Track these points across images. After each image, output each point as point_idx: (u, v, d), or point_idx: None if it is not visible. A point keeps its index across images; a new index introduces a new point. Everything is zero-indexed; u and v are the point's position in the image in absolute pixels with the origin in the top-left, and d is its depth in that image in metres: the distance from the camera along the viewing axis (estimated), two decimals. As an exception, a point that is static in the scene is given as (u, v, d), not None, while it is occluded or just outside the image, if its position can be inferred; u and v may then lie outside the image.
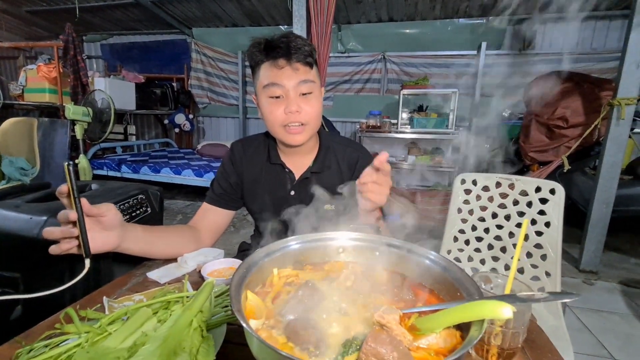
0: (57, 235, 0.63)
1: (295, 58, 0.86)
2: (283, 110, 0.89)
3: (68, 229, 0.63)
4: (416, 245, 0.55)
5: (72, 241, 0.64)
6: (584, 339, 1.84)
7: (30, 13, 5.20)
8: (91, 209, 0.66)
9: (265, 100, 0.91)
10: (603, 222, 2.52)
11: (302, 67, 0.88)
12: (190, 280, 0.76)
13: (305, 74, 0.89)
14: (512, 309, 0.34)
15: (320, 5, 2.63)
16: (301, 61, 0.87)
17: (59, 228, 0.63)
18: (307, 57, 0.88)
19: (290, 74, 0.87)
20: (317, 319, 0.43)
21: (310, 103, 0.91)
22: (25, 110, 4.96)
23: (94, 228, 0.68)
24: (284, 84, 0.87)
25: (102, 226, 0.70)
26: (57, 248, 0.64)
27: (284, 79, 0.87)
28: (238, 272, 0.45)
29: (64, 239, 0.64)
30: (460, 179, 1.43)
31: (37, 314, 0.93)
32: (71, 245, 0.64)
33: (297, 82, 0.88)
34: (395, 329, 0.37)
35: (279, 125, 0.91)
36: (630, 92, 2.29)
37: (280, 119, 0.90)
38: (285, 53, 0.86)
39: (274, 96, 0.89)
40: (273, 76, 0.88)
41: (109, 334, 0.51)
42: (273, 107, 0.90)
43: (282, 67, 0.87)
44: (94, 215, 0.67)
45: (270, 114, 0.91)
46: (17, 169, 2.50)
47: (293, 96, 0.88)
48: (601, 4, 3.93)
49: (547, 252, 1.28)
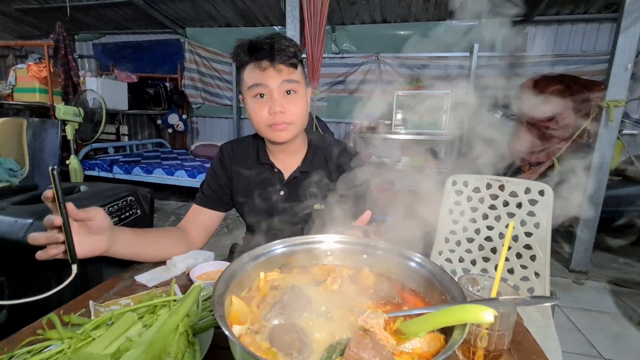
0: (42, 241, 0.62)
1: (279, 59, 0.87)
2: (268, 110, 0.90)
3: (53, 235, 0.62)
4: (403, 249, 0.56)
5: (59, 246, 0.63)
6: (574, 339, 1.86)
7: (21, 11, 5.12)
8: (78, 214, 0.65)
9: (251, 100, 0.92)
10: (593, 223, 2.56)
11: (286, 68, 0.89)
12: (179, 283, 0.76)
13: (288, 74, 0.90)
14: (494, 313, 0.34)
15: (314, 6, 2.63)
16: (284, 62, 0.88)
17: (44, 234, 0.62)
18: (291, 58, 0.89)
19: (274, 75, 0.89)
20: (301, 324, 0.42)
21: (295, 103, 0.92)
22: (15, 109, 4.88)
23: (82, 232, 0.67)
24: (267, 84, 0.89)
25: (90, 230, 0.69)
26: (44, 253, 0.63)
27: (268, 79, 0.89)
28: (223, 276, 0.45)
29: (50, 244, 0.63)
30: (452, 180, 1.44)
31: (22, 318, 0.91)
32: (58, 251, 0.63)
33: (280, 81, 0.89)
34: (379, 333, 0.37)
35: (264, 124, 0.93)
36: (618, 94, 2.32)
37: (265, 118, 0.91)
38: (268, 54, 0.87)
39: (259, 94, 0.90)
40: (257, 77, 0.89)
41: (92, 339, 0.50)
42: (257, 106, 0.91)
43: (265, 68, 0.88)
44: (81, 219, 0.66)
45: (255, 113, 0.92)
46: (6, 170, 2.46)
47: (277, 96, 0.90)
48: (590, 8, 3.99)
49: (536, 252, 1.30)
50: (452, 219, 1.44)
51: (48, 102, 3.96)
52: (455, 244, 1.45)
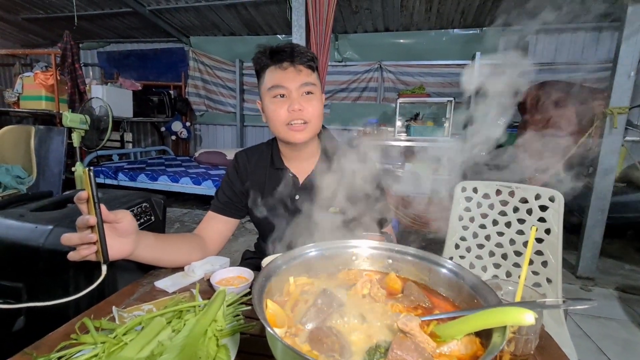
0: (75, 241, 0.62)
1: (299, 60, 0.93)
2: (286, 109, 0.94)
3: (86, 235, 0.62)
4: (429, 253, 0.56)
5: (91, 247, 0.63)
6: (585, 346, 1.85)
7: (27, 20, 5.20)
8: (108, 215, 0.66)
9: (270, 101, 0.96)
10: (599, 229, 2.56)
11: (305, 69, 0.95)
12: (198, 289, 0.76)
13: (307, 76, 0.95)
14: (534, 315, 0.35)
15: (320, 15, 2.67)
16: (304, 64, 0.94)
17: (77, 234, 0.63)
18: (310, 61, 0.95)
19: (294, 76, 0.93)
20: (337, 327, 0.43)
21: (312, 103, 0.96)
22: (20, 117, 4.92)
23: (110, 235, 0.68)
24: (287, 85, 0.93)
25: (117, 233, 0.70)
26: (76, 254, 0.63)
27: (288, 81, 0.93)
28: (258, 281, 0.45)
29: (81, 245, 0.63)
30: (461, 186, 1.45)
31: (40, 325, 0.91)
32: (90, 251, 0.63)
33: (300, 83, 0.93)
34: (419, 335, 0.38)
35: (282, 123, 0.95)
36: (622, 101, 2.35)
37: (283, 117, 0.94)
38: (289, 56, 0.93)
39: (279, 95, 0.94)
40: (278, 78, 0.93)
41: (125, 344, 0.51)
42: (277, 105, 0.95)
43: (286, 68, 0.93)
44: (110, 221, 0.67)
45: (274, 112, 0.95)
46: (14, 177, 2.47)
47: (296, 96, 0.94)
48: (591, 16, 4.05)
49: (547, 258, 1.30)
50: (462, 225, 1.45)
51: (54, 110, 3.99)
52: (465, 250, 1.45)
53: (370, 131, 4.18)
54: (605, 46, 4.23)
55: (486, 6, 3.99)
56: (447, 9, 4.13)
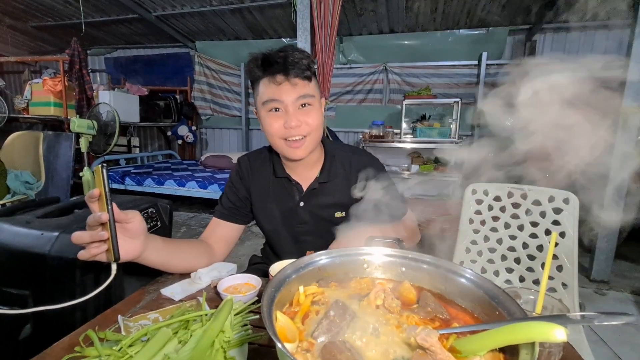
0: (86, 239, 0.61)
1: (293, 73, 0.86)
2: (282, 124, 0.89)
3: (97, 233, 0.61)
4: (446, 261, 0.54)
5: (101, 246, 0.62)
6: (602, 352, 1.79)
7: (36, 28, 5.28)
8: (119, 214, 0.64)
9: (265, 114, 0.91)
10: (613, 232, 2.49)
11: (301, 81, 0.88)
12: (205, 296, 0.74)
13: (303, 89, 0.88)
14: (566, 331, 0.32)
15: (324, 18, 2.66)
16: (299, 76, 0.87)
17: (87, 232, 0.62)
18: (305, 71, 0.87)
19: (289, 90, 0.87)
20: (351, 342, 0.41)
21: (310, 115, 0.91)
22: (29, 123, 4.99)
23: (120, 235, 0.66)
24: (282, 99, 0.87)
25: (127, 233, 0.69)
26: (87, 253, 0.62)
27: (283, 95, 0.87)
28: (267, 292, 0.43)
29: (92, 244, 0.62)
30: (472, 189, 1.42)
31: (46, 333, 0.90)
32: (100, 250, 0.62)
33: (296, 97, 0.88)
34: (440, 353, 0.36)
35: (278, 138, 0.91)
36: (635, 101, 2.29)
37: (280, 132, 0.90)
38: (283, 69, 0.85)
39: (274, 108, 0.89)
40: (272, 92, 0.88)
41: (130, 357, 0.49)
42: (272, 119, 0.90)
43: (280, 83, 0.87)
44: (121, 220, 0.66)
45: (270, 126, 0.91)
46: (22, 182, 2.49)
47: (292, 111, 0.88)
48: (599, 14, 3.98)
49: (562, 262, 1.26)
50: (473, 229, 1.41)
51: (62, 116, 4.04)
52: (476, 254, 1.41)
53: (376, 133, 4.16)
54: (614, 45, 4.15)
55: (492, 6, 3.95)
56: (452, 10, 4.10)
